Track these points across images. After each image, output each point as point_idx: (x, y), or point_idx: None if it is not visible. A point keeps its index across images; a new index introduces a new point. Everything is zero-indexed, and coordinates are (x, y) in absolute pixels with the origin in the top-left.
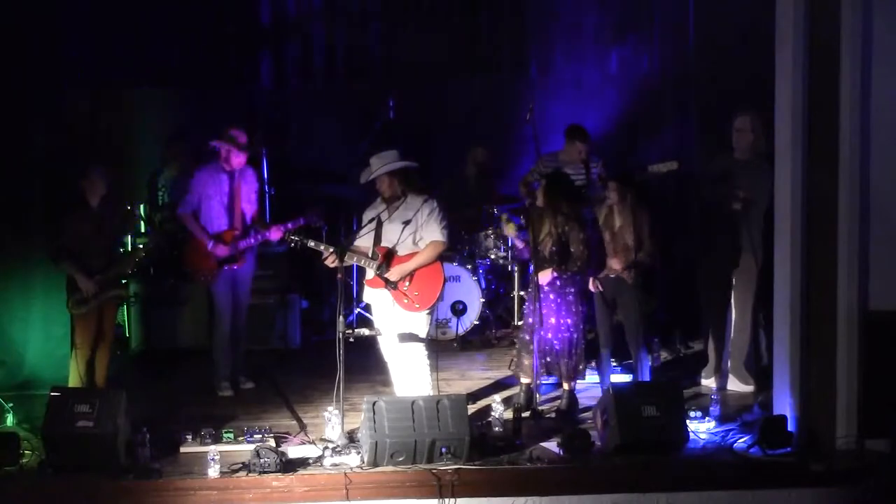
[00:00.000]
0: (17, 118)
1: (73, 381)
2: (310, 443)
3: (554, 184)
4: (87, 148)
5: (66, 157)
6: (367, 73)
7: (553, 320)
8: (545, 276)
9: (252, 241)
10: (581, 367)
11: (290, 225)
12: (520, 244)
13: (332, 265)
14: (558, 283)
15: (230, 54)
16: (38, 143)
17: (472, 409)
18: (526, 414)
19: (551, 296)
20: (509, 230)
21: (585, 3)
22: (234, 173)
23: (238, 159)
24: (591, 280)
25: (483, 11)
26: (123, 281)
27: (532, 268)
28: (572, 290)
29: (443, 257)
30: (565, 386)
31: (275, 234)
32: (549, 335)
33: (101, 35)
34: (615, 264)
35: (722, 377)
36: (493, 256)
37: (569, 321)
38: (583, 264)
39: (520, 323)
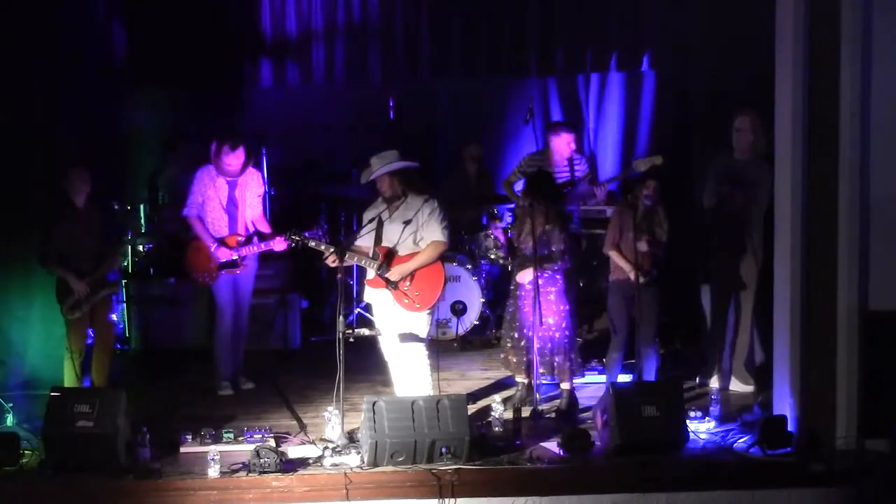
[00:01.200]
0: (19, 117)
1: (69, 383)
2: (310, 443)
3: (534, 183)
4: (88, 148)
5: (67, 156)
6: (368, 74)
7: (532, 318)
8: (524, 276)
9: (255, 248)
10: (573, 366)
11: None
12: (499, 235)
13: (333, 265)
14: (540, 281)
15: (231, 54)
16: (39, 142)
17: (472, 409)
18: (526, 414)
19: (523, 293)
20: (493, 221)
21: (585, 4)
22: (235, 178)
23: (233, 171)
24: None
25: (483, 12)
26: (124, 282)
27: (511, 267)
28: (553, 289)
29: (444, 257)
30: (565, 386)
31: (279, 245)
32: (530, 334)
33: (102, 35)
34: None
35: (722, 377)
36: (493, 256)
37: (549, 321)
38: (562, 264)
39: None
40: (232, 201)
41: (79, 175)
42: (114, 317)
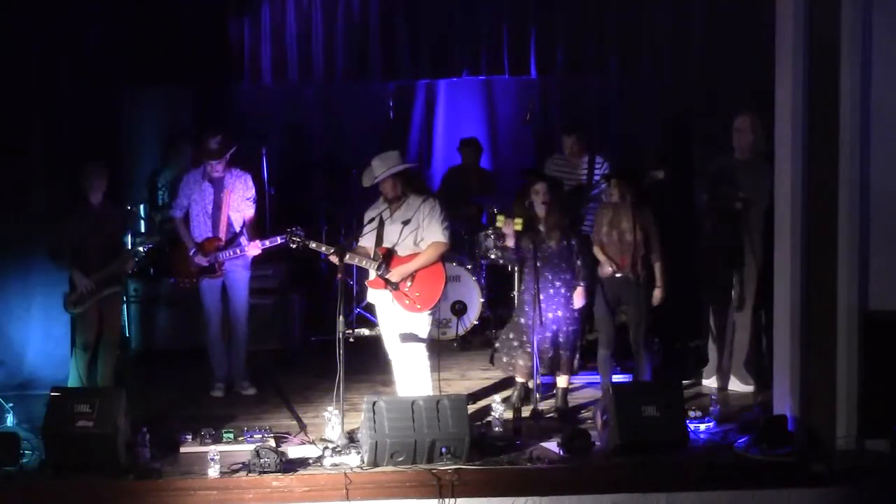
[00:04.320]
0: (18, 118)
1: (73, 382)
2: (310, 443)
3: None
4: (88, 147)
5: (66, 156)
6: (368, 72)
7: (550, 315)
8: (579, 298)
9: (230, 254)
10: (574, 361)
11: (267, 242)
12: (509, 235)
13: (338, 263)
14: (549, 276)
15: (232, 52)
16: (39, 142)
17: (472, 409)
18: (526, 414)
19: (542, 294)
20: (500, 222)
21: (585, 4)
22: (221, 181)
23: (216, 167)
24: (579, 292)
25: (483, 11)
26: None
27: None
28: (563, 289)
29: (444, 257)
30: (560, 384)
31: (252, 251)
32: (545, 331)
33: (102, 33)
34: (619, 263)
35: (722, 377)
36: (493, 256)
37: (559, 314)
38: (585, 274)
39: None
40: (216, 205)
41: (97, 171)
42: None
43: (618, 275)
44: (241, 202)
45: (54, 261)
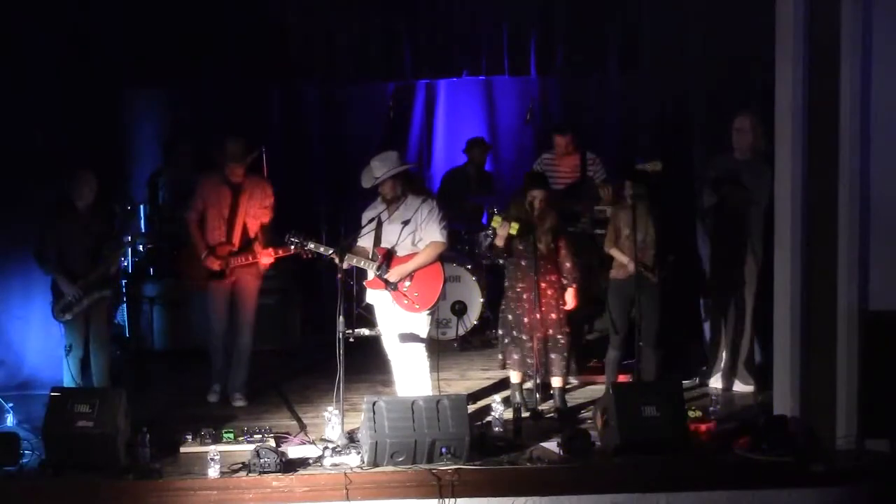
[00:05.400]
0: (19, 118)
1: (68, 384)
2: (310, 443)
3: (529, 182)
4: (87, 148)
5: (67, 157)
6: (368, 72)
7: (537, 316)
8: (572, 300)
9: (244, 260)
10: (570, 365)
11: (280, 252)
12: (501, 236)
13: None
14: (535, 278)
15: (232, 52)
16: (39, 143)
17: (472, 409)
18: (526, 414)
19: (526, 294)
20: (496, 222)
21: (585, 4)
22: (239, 185)
23: (237, 171)
24: (571, 293)
25: (484, 11)
26: (124, 282)
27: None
28: (549, 290)
29: (443, 257)
30: (555, 384)
31: (265, 259)
32: (539, 335)
33: (102, 33)
34: (633, 263)
35: (723, 377)
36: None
37: (550, 316)
38: (576, 275)
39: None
40: (233, 210)
41: (86, 178)
42: (115, 319)
43: (629, 274)
44: (258, 208)
45: (40, 265)
